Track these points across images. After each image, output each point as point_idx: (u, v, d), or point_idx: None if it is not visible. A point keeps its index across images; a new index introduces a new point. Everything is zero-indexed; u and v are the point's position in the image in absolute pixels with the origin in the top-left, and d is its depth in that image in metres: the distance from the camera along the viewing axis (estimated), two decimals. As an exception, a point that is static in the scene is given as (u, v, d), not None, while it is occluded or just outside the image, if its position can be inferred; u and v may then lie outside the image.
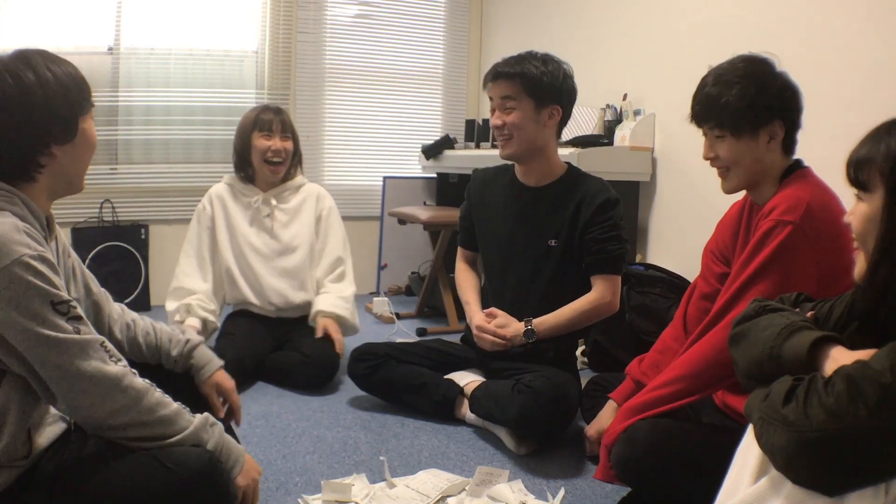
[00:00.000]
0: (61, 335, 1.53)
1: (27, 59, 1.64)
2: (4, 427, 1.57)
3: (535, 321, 2.74)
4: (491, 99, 2.86)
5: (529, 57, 2.80)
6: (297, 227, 3.57)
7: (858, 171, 1.40)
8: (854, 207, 1.43)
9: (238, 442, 1.89)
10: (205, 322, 3.37)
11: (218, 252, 3.52)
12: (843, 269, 1.90)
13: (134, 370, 1.66)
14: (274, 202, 3.55)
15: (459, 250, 3.18)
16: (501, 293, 2.94)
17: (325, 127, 5.54)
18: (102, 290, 2.03)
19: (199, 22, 5.01)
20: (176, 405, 1.70)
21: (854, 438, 1.19)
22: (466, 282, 3.08)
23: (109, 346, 1.63)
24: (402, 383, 2.95)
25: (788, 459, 1.25)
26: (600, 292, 2.77)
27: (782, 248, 1.96)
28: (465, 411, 2.85)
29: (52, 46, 4.39)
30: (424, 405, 2.91)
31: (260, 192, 3.54)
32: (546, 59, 2.81)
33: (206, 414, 1.76)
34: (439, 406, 2.88)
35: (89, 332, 1.59)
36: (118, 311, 2.06)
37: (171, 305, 3.45)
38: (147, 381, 1.67)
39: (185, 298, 3.41)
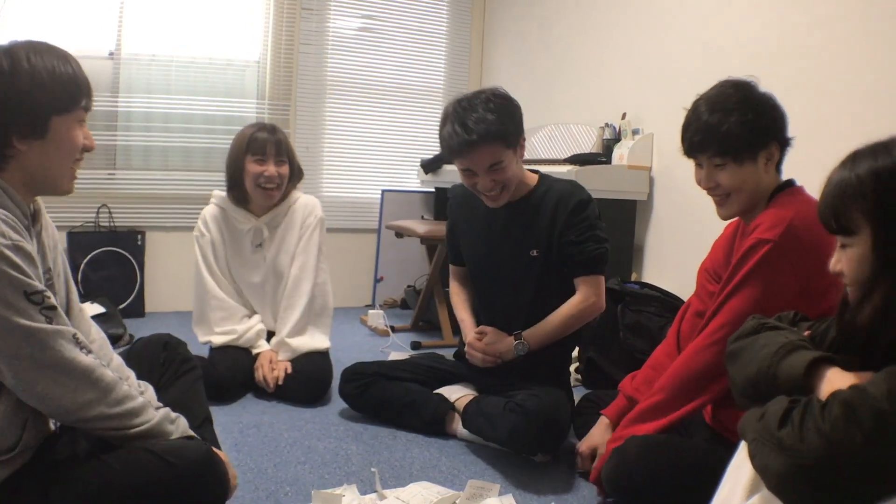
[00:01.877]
0: (34, 324, 1.52)
1: (11, 49, 1.64)
2: None
3: (525, 333, 2.74)
4: (467, 170, 2.71)
5: (481, 106, 2.63)
6: (286, 252, 3.44)
7: (838, 218, 1.40)
8: (839, 255, 1.43)
9: (218, 447, 1.89)
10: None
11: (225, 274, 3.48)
12: (828, 285, 1.92)
13: (103, 362, 1.66)
14: (266, 233, 3.41)
15: (451, 268, 3.17)
16: (490, 307, 2.94)
17: (324, 139, 5.55)
18: (81, 306, 2.00)
19: (201, 30, 5.03)
20: (142, 399, 1.70)
21: (849, 464, 1.19)
22: (459, 299, 3.09)
23: (81, 338, 1.63)
24: (391, 401, 2.94)
25: (782, 483, 1.25)
26: (584, 294, 2.74)
27: (761, 265, 2.00)
28: (457, 426, 2.85)
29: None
30: (415, 423, 2.90)
31: (252, 218, 3.40)
32: (495, 98, 2.67)
33: (167, 409, 1.78)
34: (430, 424, 2.88)
35: (62, 323, 1.59)
36: (97, 334, 2.02)
37: (221, 330, 3.38)
38: (116, 375, 1.67)
39: (245, 323, 3.41)
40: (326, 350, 3.42)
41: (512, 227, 2.83)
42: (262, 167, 3.27)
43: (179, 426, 1.77)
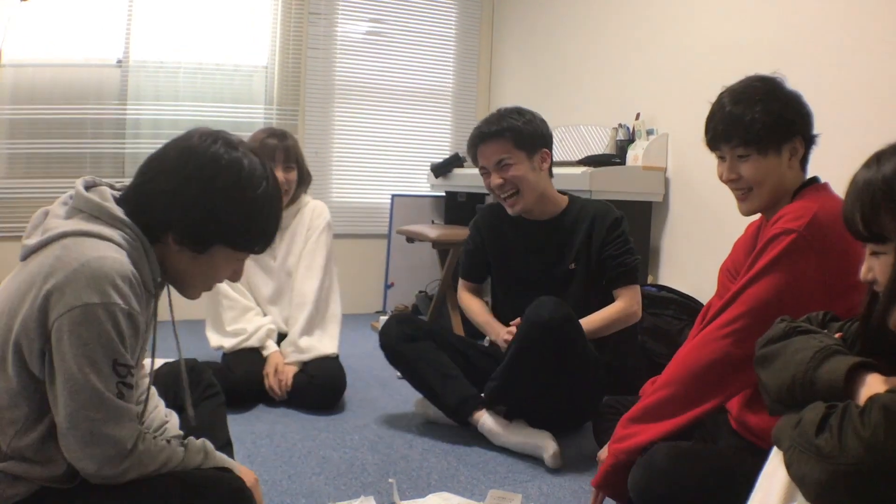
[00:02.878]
0: (107, 393, 1.44)
1: (239, 161, 1.57)
2: (45, 450, 1.50)
3: None
4: (482, 168, 2.96)
5: (504, 112, 2.93)
6: (294, 254, 3.45)
7: (868, 224, 1.34)
8: (870, 263, 1.37)
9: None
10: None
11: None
12: (850, 285, 1.83)
13: (152, 434, 1.59)
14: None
15: (461, 283, 3.24)
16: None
17: (333, 143, 5.51)
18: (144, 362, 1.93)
19: (209, 36, 5.01)
20: (169, 448, 1.61)
21: (891, 471, 1.14)
22: (477, 306, 3.15)
23: (143, 428, 1.57)
24: (431, 363, 2.91)
25: (821, 491, 1.21)
26: (626, 302, 2.89)
27: (783, 256, 1.92)
28: (480, 416, 2.79)
29: (61, 58, 4.49)
30: (441, 395, 2.87)
31: None
32: (520, 111, 2.94)
33: (190, 440, 1.70)
34: (455, 411, 2.85)
35: (131, 402, 1.51)
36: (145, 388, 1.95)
37: (232, 330, 3.37)
38: (161, 440, 1.60)
39: (255, 321, 3.39)
40: (336, 356, 3.37)
41: (548, 244, 2.99)
42: None
43: (208, 454, 1.70)
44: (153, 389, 1.93)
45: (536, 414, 2.80)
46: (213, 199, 1.54)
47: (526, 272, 3.01)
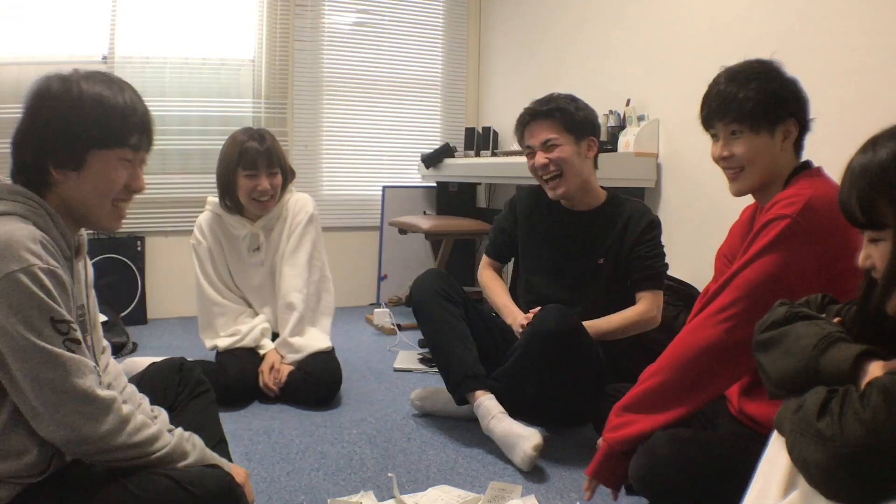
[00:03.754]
0: (55, 349, 1.46)
1: (68, 74, 1.61)
2: (10, 440, 1.50)
3: (585, 323, 2.72)
4: (528, 147, 2.94)
5: (556, 97, 2.93)
6: (280, 254, 3.41)
7: (865, 210, 1.32)
8: (868, 249, 1.36)
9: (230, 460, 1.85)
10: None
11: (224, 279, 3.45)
12: (846, 269, 1.84)
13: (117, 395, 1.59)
14: (262, 237, 3.39)
15: (486, 259, 3.23)
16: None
17: (323, 136, 5.48)
18: (106, 344, 1.94)
19: (194, 30, 4.97)
20: (156, 426, 1.64)
21: (892, 452, 1.14)
22: (498, 287, 3.12)
23: (100, 374, 1.59)
24: (453, 333, 2.82)
25: (824, 475, 1.20)
26: (647, 306, 2.87)
27: (776, 241, 1.91)
28: (481, 397, 2.71)
29: (46, 55, 4.45)
30: (451, 367, 2.78)
31: (248, 223, 3.37)
32: (573, 97, 2.95)
33: (180, 429, 1.73)
34: (457, 384, 2.76)
35: (85, 356, 1.52)
36: (113, 368, 1.96)
37: (223, 341, 3.34)
38: (129, 406, 1.60)
39: (248, 322, 3.37)
40: (331, 349, 3.35)
41: (581, 235, 2.97)
42: (254, 182, 3.25)
43: (196, 444, 1.72)
44: (130, 386, 1.94)
45: (537, 412, 2.79)
46: (57, 109, 1.57)
47: (553, 260, 2.99)
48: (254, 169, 3.23)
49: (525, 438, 2.52)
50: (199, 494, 1.58)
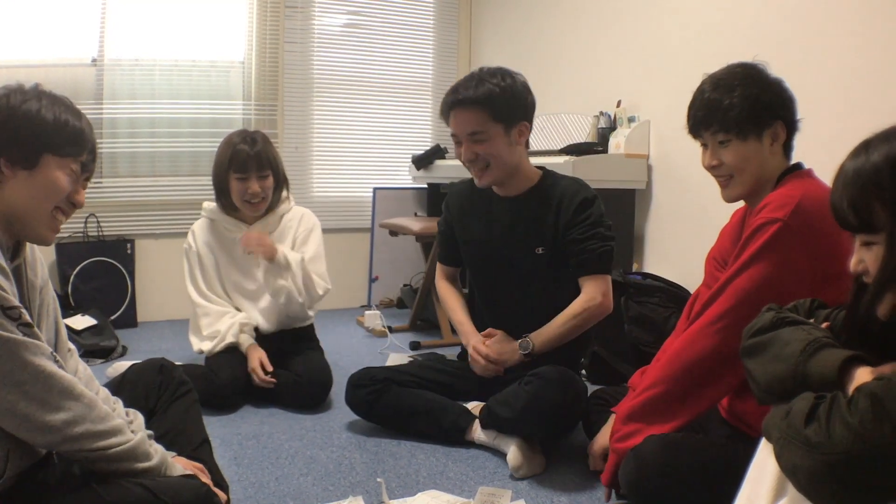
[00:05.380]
0: (10, 335, 1.45)
1: (36, 85, 1.68)
2: None
3: (532, 335, 2.67)
4: (454, 135, 2.73)
5: (486, 75, 2.66)
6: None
7: (858, 212, 1.32)
8: (860, 254, 1.35)
9: (216, 469, 1.91)
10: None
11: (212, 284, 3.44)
12: (843, 269, 1.84)
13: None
14: None
15: (439, 267, 3.09)
16: (494, 304, 2.87)
17: (313, 138, 5.46)
18: (72, 346, 1.94)
19: (184, 33, 4.93)
20: (119, 419, 1.64)
21: (880, 458, 1.14)
22: (453, 301, 2.98)
23: (58, 357, 1.57)
24: (408, 410, 2.80)
25: (811, 481, 1.20)
26: (589, 294, 2.67)
27: (768, 245, 1.92)
28: (475, 431, 2.73)
29: (35, 58, 4.42)
30: (434, 431, 2.78)
31: (243, 226, 3.37)
32: (503, 74, 2.67)
33: (143, 433, 1.72)
34: (449, 433, 2.75)
35: (40, 340, 1.53)
36: (80, 374, 1.93)
37: (203, 344, 3.34)
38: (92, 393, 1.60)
39: (228, 321, 3.34)
40: (325, 290, 3.36)
41: (516, 223, 2.76)
42: (244, 184, 3.26)
43: (159, 451, 1.71)
44: (103, 390, 1.92)
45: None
46: (22, 105, 1.62)
47: (492, 254, 2.82)
48: (244, 172, 3.24)
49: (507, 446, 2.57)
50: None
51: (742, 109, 2.00)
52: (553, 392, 2.49)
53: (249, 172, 3.24)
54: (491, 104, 2.61)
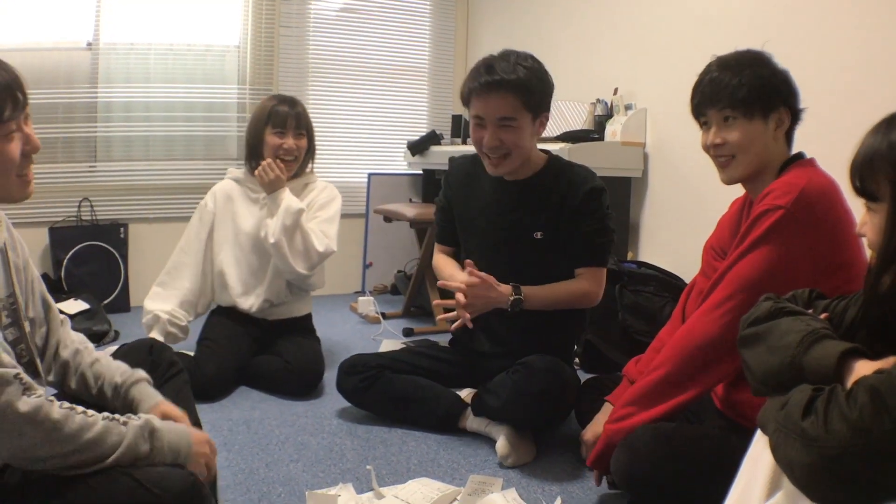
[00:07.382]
0: None
1: None
2: None
3: (525, 288, 2.59)
4: (477, 117, 2.58)
5: (519, 61, 2.55)
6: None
7: (865, 180, 1.33)
8: (864, 217, 1.37)
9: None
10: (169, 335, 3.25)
11: (214, 251, 3.40)
12: (844, 259, 1.89)
13: (51, 398, 1.50)
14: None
15: (437, 247, 3.02)
16: None
17: (308, 123, 5.42)
18: (62, 316, 1.90)
19: (179, 16, 4.90)
20: (102, 422, 1.54)
21: (879, 453, 1.12)
22: (445, 262, 2.91)
23: (25, 378, 1.47)
24: (400, 397, 2.79)
25: (808, 476, 1.18)
26: (589, 283, 2.66)
27: (770, 232, 1.92)
28: (467, 418, 2.73)
29: (30, 42, 4.38)
30: (427, 419, 2.77)
31: None
32: (534, 63, 2.60)
33: (141, 419, 1.63)
34: (443, 420, 2.75)
35: (4, 365, 1.44)
36: (73, 339, 1.91)
37: (150, 304, 3.32)
38: (68, 404, 1.52)
39: (160, 306, 3.29)
40: (326, 248, 3.34)
41: (517, 207, 2.71)
42: (281, 139, 3.30)
43: (156, 440, 1.62)
44: (104, 356, 1.90)
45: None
46: None
47: (489, 234, 2.75)
48: (283, 127, 3.30)
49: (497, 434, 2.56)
50: (162, 495, 1.53)
51: (752, 89, 2.00)
52: (539, 381, 2.48)
53: (287, 129, 3.31)
54: (527, 91, 2.52)
